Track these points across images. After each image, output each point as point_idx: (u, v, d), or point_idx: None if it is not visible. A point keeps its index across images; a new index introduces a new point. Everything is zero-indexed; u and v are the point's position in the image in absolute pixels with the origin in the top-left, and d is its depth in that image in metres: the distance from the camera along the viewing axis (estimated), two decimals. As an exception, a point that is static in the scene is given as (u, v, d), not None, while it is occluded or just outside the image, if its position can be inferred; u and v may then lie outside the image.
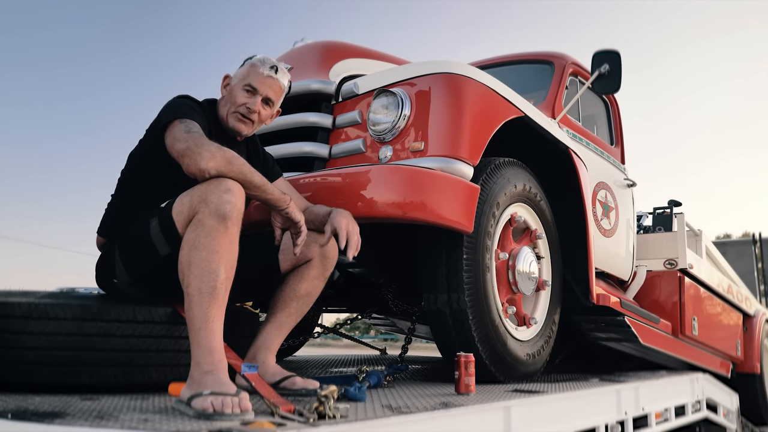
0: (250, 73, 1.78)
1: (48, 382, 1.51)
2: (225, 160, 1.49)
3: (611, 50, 3.05)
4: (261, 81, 1.76)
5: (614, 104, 3.79)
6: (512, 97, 2.28)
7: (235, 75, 1.82)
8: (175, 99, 1.71)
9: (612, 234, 3.30)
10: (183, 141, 1.53)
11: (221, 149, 1.52)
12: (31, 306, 1.50)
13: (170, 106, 1.67)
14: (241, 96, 1.77)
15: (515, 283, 2.29)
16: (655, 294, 3.76)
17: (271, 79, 1.78)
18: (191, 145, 1.51)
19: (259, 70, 1.77)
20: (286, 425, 1.16)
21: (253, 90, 1.77)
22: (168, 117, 1.62)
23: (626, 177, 3.63)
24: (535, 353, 2.35)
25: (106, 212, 1.77)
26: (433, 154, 2.00)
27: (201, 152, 1.48)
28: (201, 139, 1.53)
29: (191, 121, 1.60)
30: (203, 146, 1.50)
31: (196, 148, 1.50)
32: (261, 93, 1.77)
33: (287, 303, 1.78)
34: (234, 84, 1.80)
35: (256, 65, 1.78)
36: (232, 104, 1.78)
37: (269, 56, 1.81)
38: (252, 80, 1.77)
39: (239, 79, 1.79)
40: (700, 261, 4.10)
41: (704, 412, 3.28)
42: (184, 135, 1.54)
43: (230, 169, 1.49)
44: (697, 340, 3.79)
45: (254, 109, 1.77)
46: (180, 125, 1.58)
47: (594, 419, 2.06)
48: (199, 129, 1.59)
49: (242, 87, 1.77)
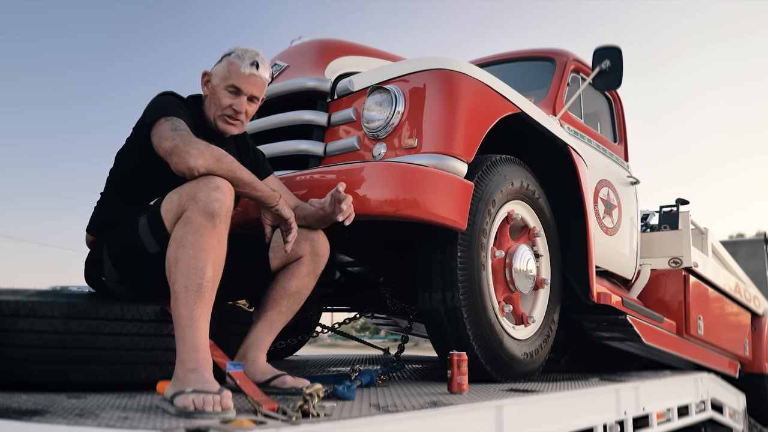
0: (231, 72, 1.72)
1: (36, 380, 1.51)
2: (213, 157, 1.48)
3: (612, 46, 3.02)
4: (244, 80, 1.72)
5: (617, 101, 3.75)
6: (508, 93, 2.25)
7: (215, 73, 1.76)
8: (159, 96, 1.69)
9: (614, 232, 3.27)
10: (170, 139, 1.52)
11: (209, 147, 1.51)
12: (19, 304, 1.50)
13: (155, 104, 1.66)
14: (225, 98, 1.73)
15: (512, 282, 2.26)
16: (659, 293, 3.72)
17: (254, 76, 1.73)
18: (179, 143, 1.50)
19: (241, 70, 1.72)
20: (266, 423, 1.15)
21: (236, 90, 1.73)
22: (153, 115, 1.61)
23: (629, 174, 3.59)
24: (533, 352, 2.32)
25: (95, 210, 1.77)
26: (426, 150, 1.98)
27: (189, 150, 1.47)
28: (188, 136, 1.52)
29: (177, 118, 1.59)
30: (191, 144, 1.49)
31: (184, 146, 1.48)
32: (245, 92, 1.74)
33: (278, 301, 1.77)
34: (216, 84, 1.75)
35: (235, 63, 1.73)
36: (218, 107, 1.74)
37: (247, 48, 1.76)
38: (235, 80, 1.72)
39: (221, 79, 1.74)
40: (705, 259, 4.05)
41: (709, 413, 3.24)
42: (171, 133, 1.53)
43: (219, 166, 1.48)
44: (703, 339, 3.74)
45: (241, 110, 1.74)
46: (166, 123, 1.57)
47: (591, 419, 2.03)
48: (186, 126, 1.58)
49: (225, 88, 1.73)
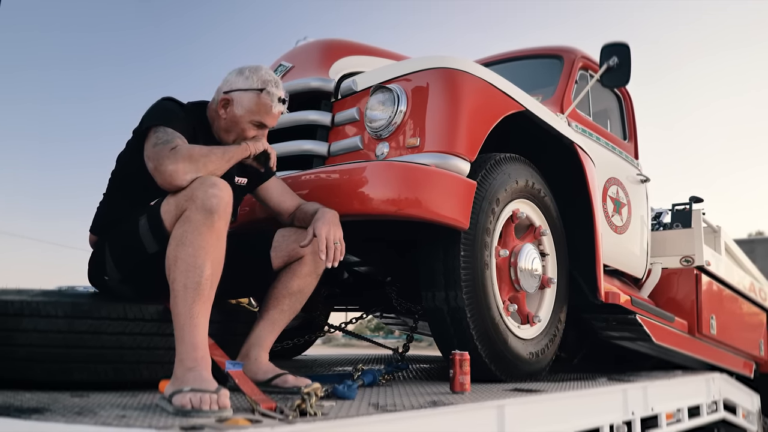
0: (260, 109, 1.73)
1: (40, 379, 1.53)
2: (191, 164, 1.50)
3: (620, 43, 2.99)
4: (272, 118, 1.76)
5: (627, 99, 3.72)
6: (512, 91, 2.24)
7: (240, 102, 1.73)
8: (157, 103, 1.71)
9: (624, 231, 3.24)
10: (152, 159, 1.55)
11: (177, 153, 1.51)
12: (24, 304, 1.52)
13: (150, 112, 1.68)
14: (250, 130, 1.75)
15: (517, 281, 2.25)
16: (671, 292, 3.67)
17: (280, 113, 1.78)
18: (156, 164, 1.52)
19: (272, 110, 1.74)
20: (261, 422, 1.15)
21: (262, 126, 1.77)
22: (146, 124, 1.64)
23: (640, 172, 3.55)
24: (539, 352, 2.31)
25: (97, 211, 1.79)
26: (428, 150, 1.98)
27: (166, 169, 1.49)
28: (163, 151, 1.53)
29: (164, 128, 1.60)
30: (165, 160, 1.50)
31: (160, 167, 1.50)
32: (269, 126, 1.79)
33: (279, 300, 1.78)
34: (240, 114, 1.74)
35: (266, 102, 1.73)
36: (238, 134, 1.76)
37: (276, 82, 1.76)
38: (264, 119, 1.75)
39: (247, 112, 1.73)
40: (718, 258, 3.99)
41: (721, 413, 3.19)
42: (151, 150, 1.56)
43: (196, 166, 1.51)
44: (716, 339, 3.69)
45: (262, 140, 1.80)
46: (152, 136, 1.59)
47: (597, 419, 2.01)
48: (172, 134, 1.59)
49: (251, 121, 1.75)
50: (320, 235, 1.66)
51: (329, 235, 1.67)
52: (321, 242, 1.65)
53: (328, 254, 1.66)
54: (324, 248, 1.65)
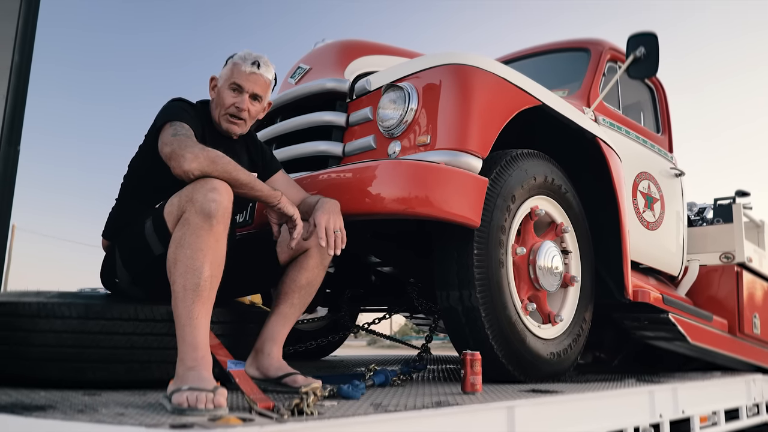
0: (233, 72, 1.79)
1: (55, 378, 1.57)
2: (208, 160, 1.51)
3: (648, 32, 2.90)
4: (245, 78, 1.78)
5: (660, 90, 3.59)
6: (527, 86, 2.19)
7: (220, 76, 1.83)
8: (169, 102, 1.75)
9: (657, 227, 3.13)
10: (169, 144, 1.57)
11: (204, 150, 1.54)
12: (40, 305, 1.57)
13: (163, 110, 1.71)
14: (228, 96, 1.79)
15: (536, 279, 2.20)
16: (711, 290, 3.53)
17: (255, 74, 1.79)
18: (175, 147, 1.54)
19: (242, 68, 1.78)
20: (253, 420, 1.15)
21: (239, 88, 1.79)
22: (160, 121, 1.67)
23: (674, 166, 3.42)
24: (561, 352, 2.25)
25: (109, 216, 1.84)
26: (440, 147, 1.96)
27: (184, 154, 1.51)
28: (185, 140, 1.56)
29: (180, 123, 1.63)
30: (186, 148, 1.53)
31: (180, 151, 1.52)
32: (247, 90, 1.79)
33: (289, 294, 1.80)
34: (220, 85, 1.81)
35: (237, 63, 1.79)
36: (222, 106, 1.80)
37: (250, 51, 1.82)
38: (236, 78, 1.78)
39: (224, 80, 1.80)
40: (762, 254, 3.82)
41: (764, 416, 3.04)
42: (170, 138, 1.58)
43: (214, 168, 1.51)
44: (760, 338, 3.52)
45: (243, 107, 1.79)
46: (169, 129, 1.62)
47: (618, 421, 1.93)
48: (188, 130, 1.62)
49: (228, 87, 1.79)
50: (320, 224, 1.67)
51: (329, 223, 1.68)
52: (321, 230, 1.67)
53: (328, 242, 1.66)
54: (324, 235, 1.66)
